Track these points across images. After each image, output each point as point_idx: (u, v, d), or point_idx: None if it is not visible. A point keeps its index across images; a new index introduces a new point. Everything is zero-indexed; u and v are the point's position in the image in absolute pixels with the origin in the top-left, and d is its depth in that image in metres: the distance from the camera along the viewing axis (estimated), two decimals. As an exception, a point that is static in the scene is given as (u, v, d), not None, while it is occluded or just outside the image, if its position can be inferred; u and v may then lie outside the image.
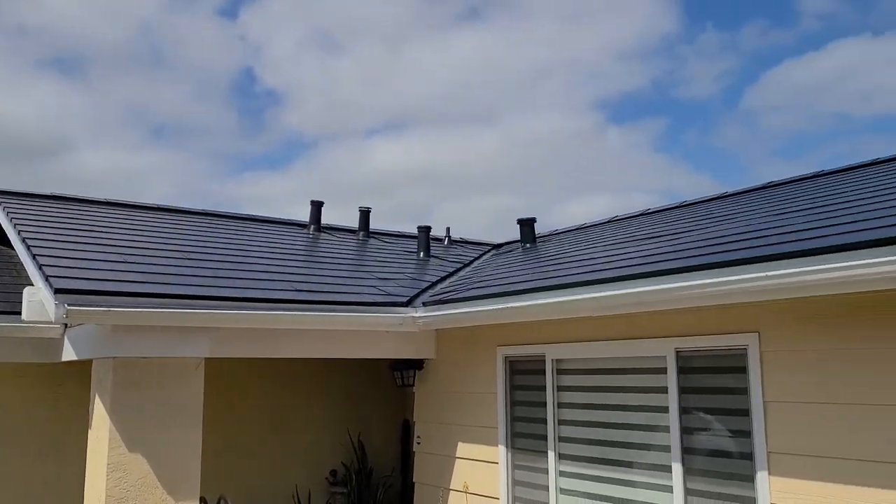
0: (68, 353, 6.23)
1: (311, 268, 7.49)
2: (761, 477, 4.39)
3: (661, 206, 9.05)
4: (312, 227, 9.91)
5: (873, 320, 3.99)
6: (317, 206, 10.03)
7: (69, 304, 4.75)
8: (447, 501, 6.67)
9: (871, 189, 5.54)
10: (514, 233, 9.60)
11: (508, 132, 31.61)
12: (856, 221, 4.31)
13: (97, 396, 5.45)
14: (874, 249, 3.53)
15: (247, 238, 8.56)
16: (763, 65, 28.85)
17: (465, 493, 6.45)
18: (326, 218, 10.16)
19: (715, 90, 29.90)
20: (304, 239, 9.32)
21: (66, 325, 6.18)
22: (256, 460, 7.82)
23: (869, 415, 3.96)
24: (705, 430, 4.85)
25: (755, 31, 27.45)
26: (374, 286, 6.86)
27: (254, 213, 10.19)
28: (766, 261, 3.94)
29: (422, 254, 9.02)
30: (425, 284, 7.21)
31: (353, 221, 10.30)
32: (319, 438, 8.20)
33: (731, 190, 8.28)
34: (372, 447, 8.34)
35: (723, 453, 4.73)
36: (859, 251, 3.60)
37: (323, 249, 8.85)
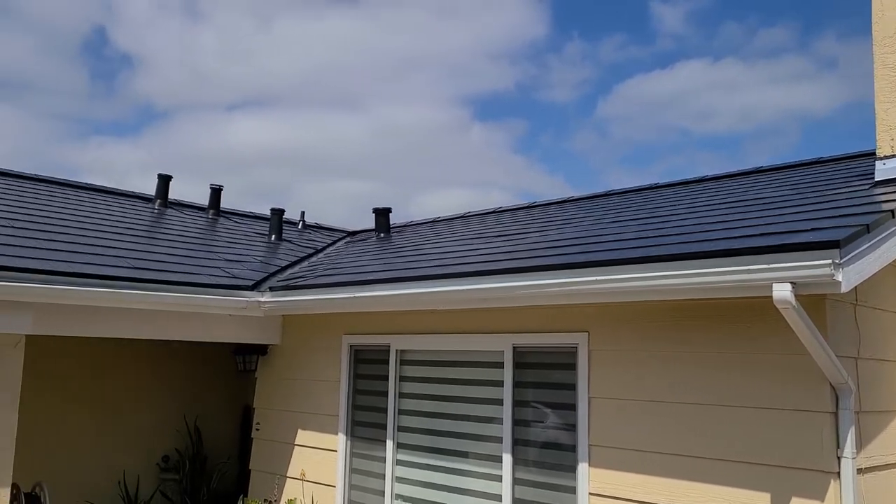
0: None
1: (153, 245, 7.13)
2: (582, 468, 4.67)
3: (512, 205, 9.38)
4: (158, 201, 9.43)
5: (689, 326, 4.34)
6: (164, 181, 9.55)
7: None
8: (283, 489, 6.60)
9: (697, 205, 6.01)
10: (373, 221, 9.59)
11: (374, 119, 31.60)
12: (681, 234, 4.67)
13: None
14: (693, 261, 3.83)
15: (84, 208, 8.02)
16: (617, 77, 30.50)
17: (302, 480, 6.40)
18: (178, 193, 9.73)
19: (573, 97, 31.29)
20: (149, 214, 8.85)
21: None
22: (80, 445, 7.35)
23: (676, 412, 4.31)
24: (535, 422, 5.09)
25: (614, 44, 28.98)
26: (219, 268, 6.64)
27: (94, 183, 9.57)
28: (600, 265, 4.18)
29: (273, 237, 8.83)
30: (274, 269, 7.07)
31: (205, 199, 9.91)
32: (153, 423, 7.82)
33: (577, 195, 8.72)
34: (210, 433, 8.07)
35: (550, 445, 4.99)
36: (683, 262, 3.87)
37: (168, 226, 8.45)
